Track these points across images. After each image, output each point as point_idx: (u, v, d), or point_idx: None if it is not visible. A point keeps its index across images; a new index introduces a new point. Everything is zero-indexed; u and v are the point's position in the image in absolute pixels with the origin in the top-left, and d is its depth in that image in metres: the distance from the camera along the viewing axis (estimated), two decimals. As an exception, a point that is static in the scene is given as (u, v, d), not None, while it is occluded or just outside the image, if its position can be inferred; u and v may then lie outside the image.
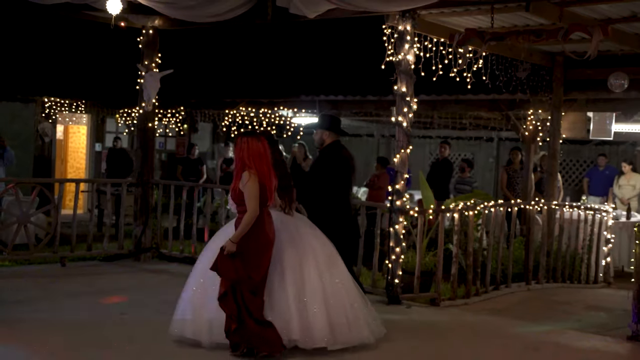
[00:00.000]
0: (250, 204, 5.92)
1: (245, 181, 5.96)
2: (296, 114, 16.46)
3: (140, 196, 10.73)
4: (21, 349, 6.06)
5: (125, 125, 17.81)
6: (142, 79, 10.49)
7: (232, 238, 5.91)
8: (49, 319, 6.96)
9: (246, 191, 5.95)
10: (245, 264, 5.93)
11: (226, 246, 5.89)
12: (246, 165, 6.02)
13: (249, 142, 6.07)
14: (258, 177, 5.97)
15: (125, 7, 8.84)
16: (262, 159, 6.04)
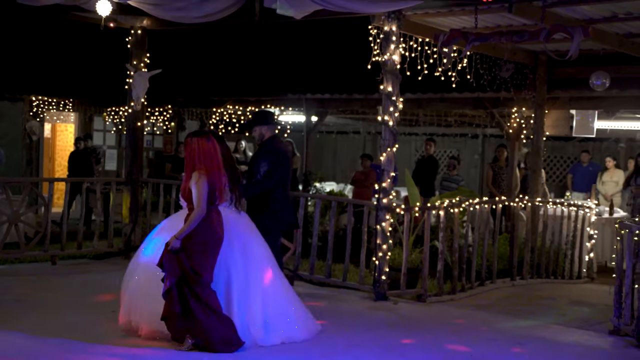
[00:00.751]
0: (198, 203, 6.05)
1: (194, 181, 6.08)
2: (283, 112, 16.58)
3: (130, 194, 10.82)
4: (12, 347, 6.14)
5: (112, 123, 17.84)
6: (131, 79, 10.56)
7: (177, 235, 6.03)
8: (41, 318, 7.04)
9: (195, 190, 6.07)
10: (192, 261, 6.05)
11: (170, 243, 6.02)
12: (196, 165, 6.13)
13: (199, 143, 6.20)
14: (207, 176, 6.11)
15: (114, 8, 8.93)
16: (212, 159, 6.19)
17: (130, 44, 10.63)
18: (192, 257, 6.05)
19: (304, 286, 9.20)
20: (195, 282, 6.06)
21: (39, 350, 5.91)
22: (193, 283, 6.06)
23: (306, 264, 9.68)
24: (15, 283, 8.73)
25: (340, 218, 11.72)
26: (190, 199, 6.13)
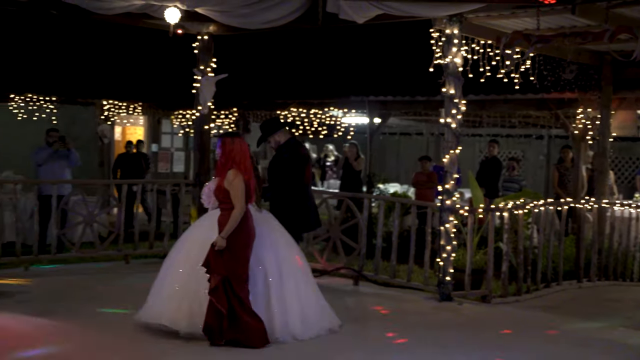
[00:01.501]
0: (239, 201, 6.20)
1: (231, 179, 6.22)
2: (346, 114, 16.70)
3: (198, 196, 11.08)
4: (92, 342, 6.43)
5: (180, 126, 18.27)
6: (198, 83, 10.84)
7: (222, 234, 6.17)
8: (116, 315, 7.34)
9: (233, 189, 6.21)
10: (233, 258, 6.20)
11: (217, 242, 6.16)
12: (234, 164, 6.27)
13: (237, 143, 6.38)
14: (243, 175, 6.26)
15: (182, 15, 9.19)
16: (247, 159, 6.38)
17: (197, 49, 10.90)
18: (234, 256, 6.21)
19: (368, 286, 9.34)
20: (236, 280, 6.22)
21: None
22: (235, 281, 6.21)
23: (370, 265, 9.80)
24: (90, 281, 9.10)
25: (403, 219, 11.79)
26: (225, 199, 6.26)
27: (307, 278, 6.90)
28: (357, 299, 8.72)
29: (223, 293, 6.16)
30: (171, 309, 6.42)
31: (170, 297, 6.47)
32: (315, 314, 6.76)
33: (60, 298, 7.99)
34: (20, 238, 9.68)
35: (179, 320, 6.37)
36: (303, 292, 6.72)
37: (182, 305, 6.40)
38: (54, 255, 9.96)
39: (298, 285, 6.68)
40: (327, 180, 16.20)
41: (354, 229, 10.01)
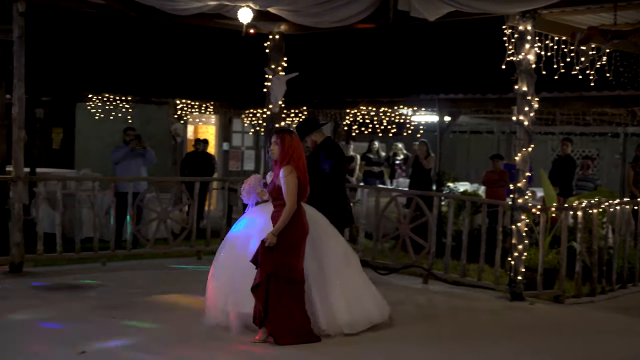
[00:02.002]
0: (291, 198, 6.15)
1: (285, 176, 6.17)
2: (416, 113, 16.64)
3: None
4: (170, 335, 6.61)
5: (250, 125, 18.51)
6: (269, 82, 10.99)
7: (274, 231, 6.14)
8: (191, 309, 7.52)
9: (286, 186, 6.15)
10: (284, 254, 6.18)
11: (268, 239, 6.13)
12: (291, 160, 6.23)
13: (294, 139, 6.35)
14: (297, 172, 6.22)
15: (254, 15, 9.33)
16: (301, 155, 6.35)
17: (268, 48, 11.05)
18: (286, 252, 6.20)
19: (438, 285, 9.31)
20: (287, 278, 6.21)
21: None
22: (285, 279, 6.20)
23: (440, 263, 9.76)
24: (164, 276, 9.34)
25: (473, 218, 11.69)
26: (279, 195, 6.22)
27: (353, 270, 6.89)
28: (427, 297, 8.70)
29: (263, 290, 6.16)
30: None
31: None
32: (364, 307, 6.76)
33: (138, 292, 8.21)
34: (97, 234, 9.99)
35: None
36: (350, 284, 6.72)
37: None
38: (129, 251, 10.24)
39: (343, 278, 6.69)
40: (396, 178, 16.16)
41: (423, 227, 9.98)
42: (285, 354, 6.07)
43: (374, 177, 15.56)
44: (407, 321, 7.38)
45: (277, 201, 6.28)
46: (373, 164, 15.74)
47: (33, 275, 9.01)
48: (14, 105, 9.04)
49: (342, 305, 6.57)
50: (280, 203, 6.24)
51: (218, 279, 6.70)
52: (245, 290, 6.30)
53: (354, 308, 6.64)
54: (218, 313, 6.65)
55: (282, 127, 6.55)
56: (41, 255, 9.48)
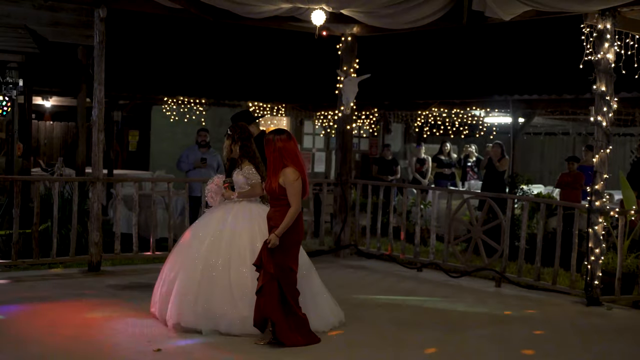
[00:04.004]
0: (296, 199, 6.13)
1: (291, 179, 6.12)
2: (489, 114, 16.41)
3: (340, 195, 11.30)
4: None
5: (321, 127, 18.59)
6: (341, 84, 11.02)
7: (277, 232, 6.08)
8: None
9: (291, 188, 6.11)
10: (285, 256, 6.14)
11: (271, 240, 6.08)
12: (290, 162, 6.18)
13: (286, 141, 6.26)
14: (300, 173, 6.19)
15: (327, 17, 9.37)
16: (298, 156, 6.30)
17: (340, 50, 11.09)
18: (287, 254, 6.16)
19: (511, 288, 9.16)
20: (287, 278, 6.18)
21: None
22: (285, 279, 6.17)
23: (513, 267, 9.60)
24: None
25: (548, 221, 11.45)
26: (281, 196, 6.16)
27: (315, 275, 6.93)
28: (500, 301, 8.57)
29: (267, 292, 6.10)
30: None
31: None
32: (322, 314, 6.77)
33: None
34: (172, 234, 10.18)
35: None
36: (317, 287, 6.84)
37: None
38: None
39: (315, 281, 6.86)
40: (467, 181, 15.95)
41: (495, 230, 9.84)
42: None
43: (445, 179, 15.41)
44: (478, 324, 7.29)
45: (277, 201, 6.22)
46: (444, 165, 15.59)
47: (110, 274, 9.27)
48: (93, 108, 9.31)
49: (315, 307, 6.63)
50: (280, 203, 6.18)
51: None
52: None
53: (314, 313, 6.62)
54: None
55: (276, 129, 6.49)
56: (118, 255, 9.74)
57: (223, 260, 6.54)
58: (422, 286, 9.29)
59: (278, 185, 6.16)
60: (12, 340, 6.19)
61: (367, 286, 9.17)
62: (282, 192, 6.15)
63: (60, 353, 5.90)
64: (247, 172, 6.77)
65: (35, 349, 5.95)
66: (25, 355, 5.81)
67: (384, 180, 13.97)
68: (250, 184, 6.78)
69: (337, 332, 6.72)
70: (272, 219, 6.24)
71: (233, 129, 6.95)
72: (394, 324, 7.20)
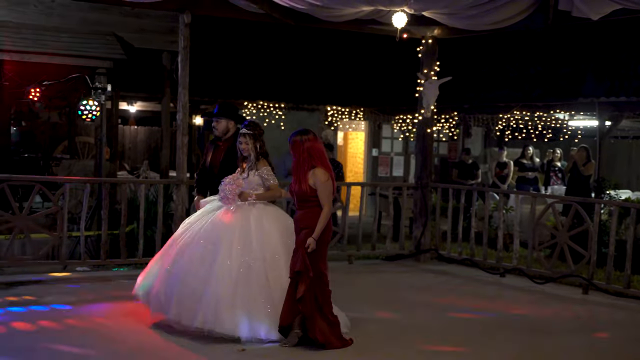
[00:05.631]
0: (328, 200, 6.06)
1: (322, 179, 6.05)
2: (573, 117, 16.02)
3: (420, 199, 11.20)
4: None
5: (400, 131, 18.50)
6: (422, 87, 10.93)
7: (315, 235, 5.99)
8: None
9: (324, 189, 6.05)
10: (320, 258, 6.08)
11: (309, 244, 5.97)
12: (319, 162, 6.10)
13: (313, 141, 6.18)
14: (329, 174, 6.12)
15: (408, 19, 9.31)
16: (326, 157, 6.22)
17: (421, 53, 11.00)
18: (320, 255, 6.10)
19: (599, 295, 8.90)
20: (321, 279, 6.13)
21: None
22: (319, 280, 6.11)
23: (601, 273, 9.32)
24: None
25: (637, 227, 11.07)
26: (308, 198, 6.09)
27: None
28: (588, 309, 8.32)
29: (312, 296, 6.04)
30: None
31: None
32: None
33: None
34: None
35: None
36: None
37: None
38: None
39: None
40: (551, 185, 15.58)
41: (582, 235, 9.57)
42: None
43: (528, 184, 15.10)
44: (566, 331, 7.10)
45: (306, 203, 6.14)
46: (527, 169, 15.28)
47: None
48: (178, 113, 9.49)
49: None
50: (309, 205, 6.11)
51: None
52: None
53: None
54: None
55: (302, 129, 6.33)
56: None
57: (258, 262, 6.28)
58: (505, 292, 9.11)
59: (309, 187, 6.10)
60: (104, 337, 6.37)
61: (449, 291, 9.06)
62: (313, 193, 6.10)
63: (149, 351, 6.02)
64: (266, 173, 6.58)
65: (126, 346, 6.10)
66: (116, 352, 5.96)
67: (464, 184, 13.78)
68: (270, 186, 6.60)
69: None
70: (302, 220, 6.16)
71: (252, 127, 6.62)
72: (477, 328, 7.09)
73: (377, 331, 6.86)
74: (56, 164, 14.42)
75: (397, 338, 6.68)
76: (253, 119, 6.90)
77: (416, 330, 6.95)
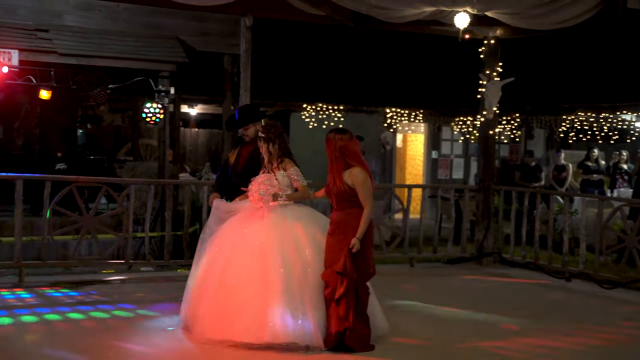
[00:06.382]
0: (369, 200, 5.97)
1: (361, 179, 5.96)
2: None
3: (482, 202, 11.05)
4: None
5: (460, 132, 18.32)
6: (484, 88, 10.78)
7: (358, 235, 5.89)
8: (409, 312, 7.54)
9: (364, 188, 5.96)
10: (365, 259, 5.98)
11: (354, 245, 5.86)
12: (356, 162, 6.00)
13: (347, 140, 6.07)
14: (368, 173, 6.04)
15: (471, 20, 9.20)
16: (361, 156, 6.12)
17: (483, 53, 10.85)
18: (366, 256, 6.01)
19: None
20: (365, 281, 6.04)
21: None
22: (363, 282, 6.02)
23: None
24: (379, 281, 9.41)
25: None
26: (348, 198, 5.98)
27: None
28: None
29: (352, 298, 5.93)
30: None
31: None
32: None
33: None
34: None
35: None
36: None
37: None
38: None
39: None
40: (617, 188, 15.18)
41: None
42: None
43: (593, 186, 14.75)
44: (631, 339, 6.91)
45: (346, 203, 6.04)
46: (591, 172, 14.93)
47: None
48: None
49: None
50: (349, 205, 6.01)
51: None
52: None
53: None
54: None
55: (339, 128, 6.16)
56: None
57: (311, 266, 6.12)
58: (572, 296, 8.92)
59: (348, 187, 6.00)
60: (171, 337, 6.42)
61: (514, 294, 8.92)
62: (352, 193, 6.01)
63: (217, 350, 6.01)
64: (295, 174, 6.41)
65: (192, 346, 6.12)
66: (184, 352, 6.03)
67: (527, 187, 13.54)
68: (300, 186, 6.43)
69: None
70: (342, 221, 6.04)
71: (267, 130, 6.42)
72: (545, 333, 6.95)
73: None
74: (120, 166, 14.70)
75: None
76: (272, 121, 6.67)
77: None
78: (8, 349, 5.94)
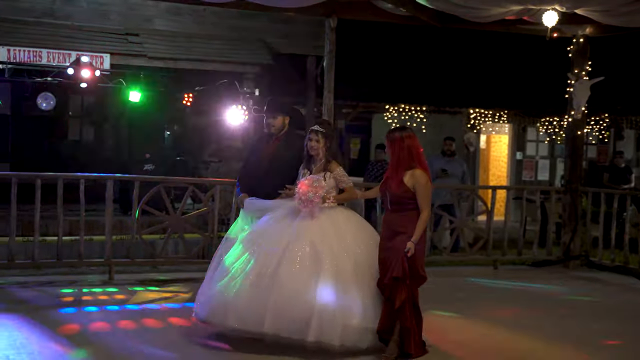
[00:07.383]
0: (428, 204, 5.82)
1: (423, 182, 5.78)
2: None
3: (569, 203, 10.78)
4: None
5: (545, 133, 17.92)
6: (572, 88, 10.53)
7: (414, 239, 5.71)
8: (479, 315, 7.44)
9: (424, 191, 5.79)
10: (419, 263, 5.83)
11: (410, 248, 5.68)
12: (418, 163, 5.83)
13: (414, 139, 5.89)
14: (429, 176, 5.89)
15: (559, 18, 8.99)
16: (424, 157, 5.95)
17: (571, 52, 10.61)
18: (420, 260, 5.84)
19: None
20: (417, 286, 5.90)
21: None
22: (416, 287, 5.89)
23: None
24: (458, 283, 9.35)
25: None
26: (407, 201, 5.81)
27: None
28: None
29: (410, 304, 5.79)
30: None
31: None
32: None
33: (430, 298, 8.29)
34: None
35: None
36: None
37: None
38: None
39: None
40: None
41: None
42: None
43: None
44: None
45: (402, 205, 5.85)
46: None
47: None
48: (323, 116, 9.59)
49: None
50: (406, 208, 5.83)
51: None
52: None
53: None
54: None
55: (401, 126, 5.95)
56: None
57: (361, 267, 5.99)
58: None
59: (408, 188, 5.82)
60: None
61: (604, 298, 8.71)
62: (411, 195, 5.82)
63: (298, 349, 6.05)
64: (341, 175, 6.24)
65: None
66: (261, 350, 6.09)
67: (616, 189, 13.13)
68: (346, 188, 6.26)
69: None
70: (398, 224, 5.85)
71: (326, 125, 6.28)
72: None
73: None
74: (206, 167, 14.97)
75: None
76: (325, 119, 6.58)
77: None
78: (105, 345, 6.10)
